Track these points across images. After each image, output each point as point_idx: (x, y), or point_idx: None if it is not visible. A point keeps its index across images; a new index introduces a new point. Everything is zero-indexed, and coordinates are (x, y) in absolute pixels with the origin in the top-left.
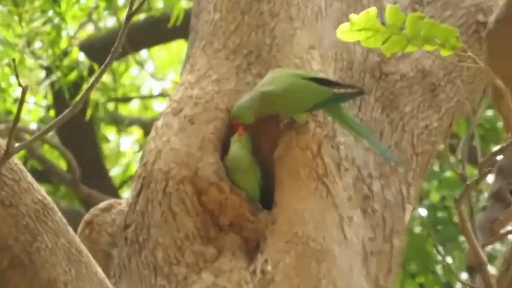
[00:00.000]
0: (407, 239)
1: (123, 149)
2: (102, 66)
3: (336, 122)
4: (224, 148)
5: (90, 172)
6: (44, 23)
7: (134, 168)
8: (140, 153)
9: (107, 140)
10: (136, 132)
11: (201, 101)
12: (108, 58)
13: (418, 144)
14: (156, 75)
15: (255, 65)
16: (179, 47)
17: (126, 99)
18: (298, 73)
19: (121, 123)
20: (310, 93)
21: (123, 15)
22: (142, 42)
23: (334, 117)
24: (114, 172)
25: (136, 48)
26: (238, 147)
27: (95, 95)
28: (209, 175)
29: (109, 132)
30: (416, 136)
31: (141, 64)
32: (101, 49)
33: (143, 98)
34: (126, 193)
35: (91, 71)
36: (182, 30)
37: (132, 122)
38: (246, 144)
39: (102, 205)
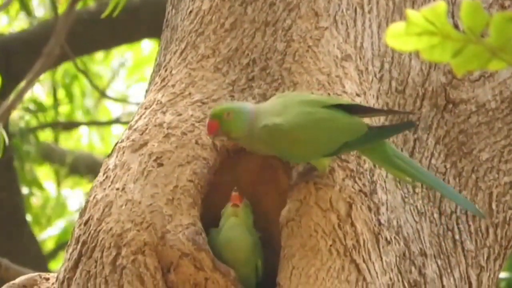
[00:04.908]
0: None
1: (64, 202)
2: (30, 74)
3: (379, 165)
4: (207, 203)
5: (4, 231)
6: None
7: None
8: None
9: (40, 187)
10: (86, 177)
11: (176, 133)
12: (40, 63)
13: (498, 210)
14: (116, 93)
15: (258, 81)
16: (153, 49)
17: (70, 125)
18: (316, 99)
19: (60, 162)
20: (335, 129)
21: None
22: (92, 42)
23: (375, 158)
24: (47, 234)
25: (82, 50)
26: (231, 225)
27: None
28: (181, 242)
29: (44, 175)
30: (495, 197)
31: (85, 73)
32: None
33: (96, 124)
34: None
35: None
36: (152, 25)
37: (79, 160)
38: (245, 218)
39: (19, 280)
